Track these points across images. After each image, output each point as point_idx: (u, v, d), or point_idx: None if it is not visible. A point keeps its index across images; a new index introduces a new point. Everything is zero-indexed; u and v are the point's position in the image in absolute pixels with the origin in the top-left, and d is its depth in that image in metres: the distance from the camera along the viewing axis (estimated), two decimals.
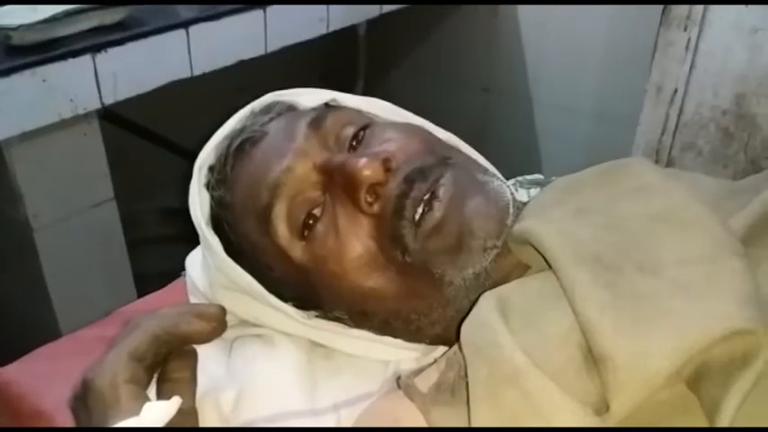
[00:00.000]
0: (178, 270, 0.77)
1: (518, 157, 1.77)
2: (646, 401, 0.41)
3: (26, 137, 1.01)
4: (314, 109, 0.63)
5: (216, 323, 0.52)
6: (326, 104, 0.65)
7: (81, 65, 1.03)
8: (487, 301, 0.50)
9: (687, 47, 1.26)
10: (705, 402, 0.42)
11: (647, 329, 0.43)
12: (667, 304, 0.44)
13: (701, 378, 0.43)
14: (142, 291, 1.18)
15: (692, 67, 1.27)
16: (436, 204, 0.54)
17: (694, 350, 0.41)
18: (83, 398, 0.49)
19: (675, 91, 1.30)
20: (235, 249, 0.61)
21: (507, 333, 0.46)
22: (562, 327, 0.46)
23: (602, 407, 0.43)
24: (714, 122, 1.29)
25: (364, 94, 0.68)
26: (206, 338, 0.52)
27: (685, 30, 1.25)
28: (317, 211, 0.57)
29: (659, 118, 1.34)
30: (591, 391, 0.44)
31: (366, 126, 0.60)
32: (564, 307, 0.46)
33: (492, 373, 0.45)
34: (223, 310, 0.53)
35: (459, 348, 0.50)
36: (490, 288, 0.55)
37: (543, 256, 0.50)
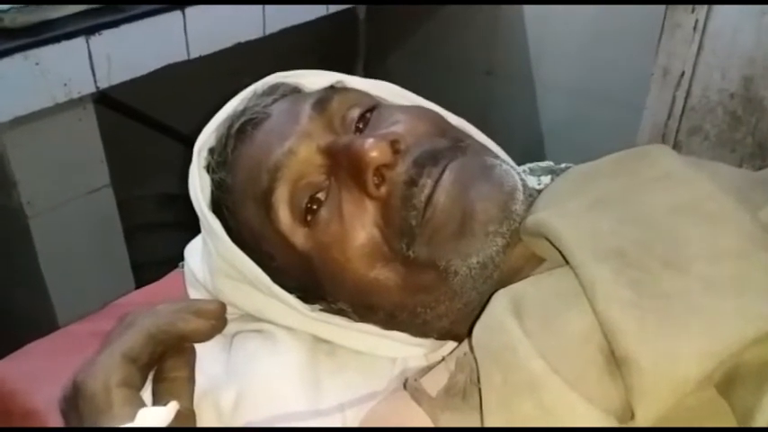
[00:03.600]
0: (177, 258, 0.75)
1: (521, 141, 1.74)
2: (672, 407, 0.39)
3: (19, 122, 0.99)
4: (319, 91, 0.60)
5: (215, 320, 0.49)
6: (332, 86, 0.62)
7: (75, 47, 1.00)
8: (500, 302, 0.47)
9: (695, 28, 1.24)
10: (737, 409, 0.40)
11: (675, 330, 0.40)
12: (696, 303, 0.41)
13: (733, 383, 0.41)
14: (140, 279, 1.17)
15: (699, 48, 1.25)
16: (439, 190, 0.52)
17: (726, 354, 0.39)
18: (73, 401, 0.46)
19: (682, 74, 1.28)
20: (235, 237, 0.58)
21: (523, 336, 0.43)
22: (581, 327, 0.43)
23: (627, 413, 0.40)
24: (721, 106, 1.27)
25: (364, 77, 0.65)
26: (204, 337, 0.49)
27: (693, 11, 1.23)
28: (320, 195, 0.54)
29: (665, 101, 1.31)
30: (613, 397, 0.41)
31: (373, 108, 0.58)
32: (583, 306, 0.44)
33: (507, 381, 0.43)
34: (223, 307, 0.50)
35: (471, 350, 0.48)
36: (498, 280, 0.53)
37: (560, 251, 0.48)
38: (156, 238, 1.42)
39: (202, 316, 0.49)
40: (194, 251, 0.67)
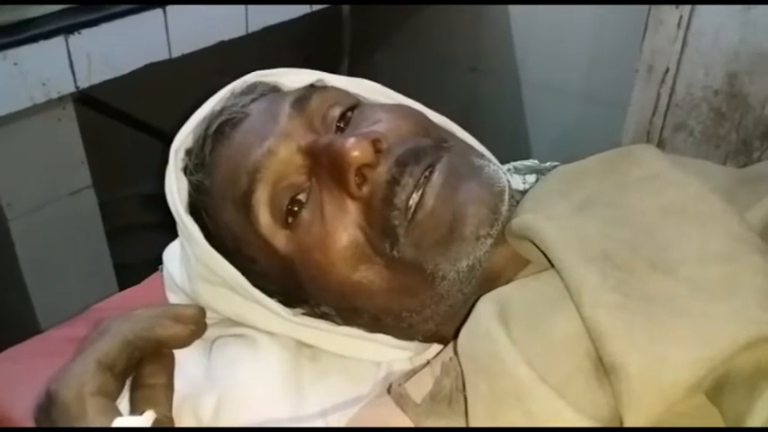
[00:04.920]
0: (160, 260, 0.74)
1: (506, 138, 1.74)
2: (662, 414, 0.38)
3: None
4: (298, 89, 0.59)
5: (194, 326, 0.49)
6: (312, 85, 0.61)
7: (53, 47, 0.98)
8: (486, 307, 0.46)
9: (679, 25, 1.24)
10: (728, 416, 0.39)
11: (664, 335, 0.39)
12: (685, 307, 0.41)
13: (723, 389, 0.40)
14: (123, 281, 1.15)
15: (683, 45, 1.25)
16: (428, 191, 0.51)
17: (717, 360, 0.38)
18: (46, 410, 0.45)
19: (667, 70, 1.28)
20: (214, 240, 0.57)
21: (509, 343, 0.42)
22: (568, 333, 0.43)
23: (615, 420, 0.40)
24: (706, 102, 1.27)
25: (349, 74, 0.64)
26: (183, 343, 0.49)
27: (677, 7, 1.23)
28: (302, 197, 0.53)
29: (650, 98, 1.32)
30: (602, 404, 0.40)
31: (354, 106, 0.57)
32: (570, 311, 0.43)
33: (493, 390, 0.42)
34: (202, 312, 0.50)
35: (456, 356, 0.47)
36: (483, 279, 0.52)
37: (545, 255, 0.47)
38: (140, 240, 1.40)
39: (181, 321, 0.48)
40: (173, 255, 0.66)
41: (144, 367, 0.48)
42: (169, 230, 0.69)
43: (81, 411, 0.43)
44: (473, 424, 0.43)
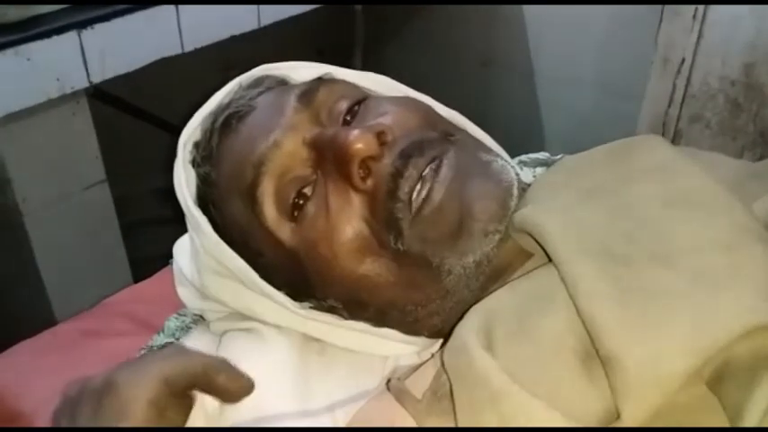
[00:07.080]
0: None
1: (519, 132, 1.73)
2: (661, 405, 0.38)
3: (12, 118, 0.98)
4: (305, 82, 0.59)
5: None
6: (319, 78, 0.61)
7: (66, 42, 0.99)
8: (468, 321, 0.47)
9: (695, 15, 1.22)
10: (727, 406, 0.39)
11: (660, 326, 0.39)
12: (683, 298, 0.40)
13: (723, 379, 0.39)
14: (138, 275, 1.16)
15: (699, 36, 1.23)
16: (436, 186, 0.50)
17: (713, 349, 0.38)
18: (97, 396, 0.47)
19: (683, 61, 1.27)
20: (222, 233, 0.57)
21: (484, 353, 0.43)
22: (555, 332, 0.42)
23: (609, 415, 0.39)
24: (722, 93, 1.26)
25: (362, 68, 0.64)
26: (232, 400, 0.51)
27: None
28: (307, 190, 0.53)
29: (666, 90, 1.30)
30: (593, 399, 0.40)
31: (362, 100, 0.57)
32: (558, 308, 0.43)
33: (472, 399, 0.43)
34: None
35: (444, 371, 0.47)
36: (490, 275, 0.52)
37: (543, 248, 0.47)
38: (154, 234, 1.41)
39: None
40: (183, 248, 0.66)
41: None
42: (184, 224, 0.69)
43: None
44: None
